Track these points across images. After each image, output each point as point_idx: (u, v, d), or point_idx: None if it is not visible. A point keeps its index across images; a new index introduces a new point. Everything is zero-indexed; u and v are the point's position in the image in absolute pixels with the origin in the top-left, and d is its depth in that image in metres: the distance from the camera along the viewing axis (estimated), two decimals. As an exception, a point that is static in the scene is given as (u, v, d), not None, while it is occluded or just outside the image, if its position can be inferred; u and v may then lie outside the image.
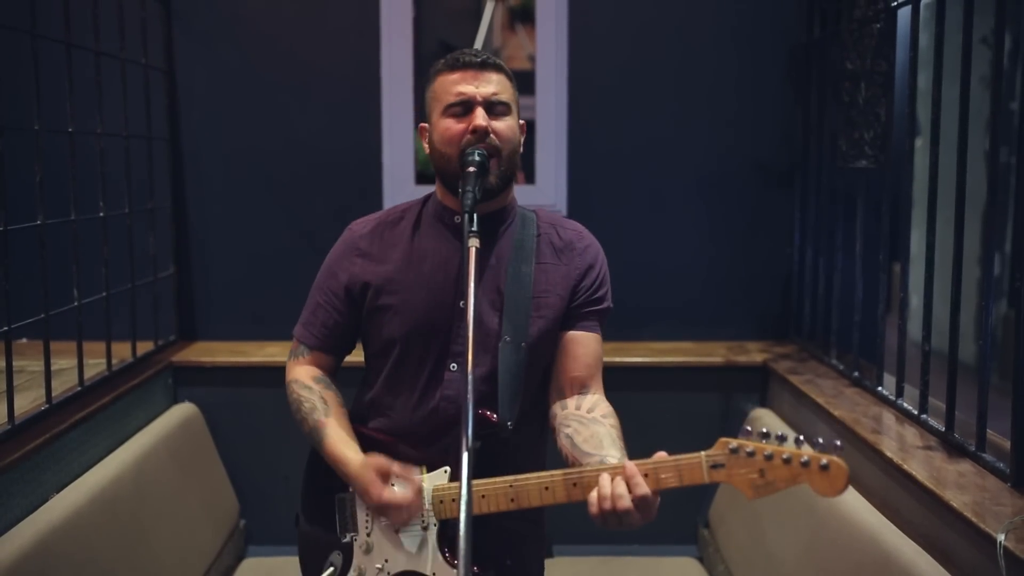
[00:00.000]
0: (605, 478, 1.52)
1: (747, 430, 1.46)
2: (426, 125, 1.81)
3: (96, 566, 2.16)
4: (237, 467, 3.15)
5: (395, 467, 1.67)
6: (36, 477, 2.15)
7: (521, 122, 1.83)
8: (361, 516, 1.77)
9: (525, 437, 1.81)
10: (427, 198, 1.88)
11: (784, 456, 1.42)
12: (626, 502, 1.48)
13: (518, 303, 1.76)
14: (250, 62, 3.28)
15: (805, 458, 1.40)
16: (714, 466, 1.47)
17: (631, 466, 1.51)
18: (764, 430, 1.45)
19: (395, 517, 1.68)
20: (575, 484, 1.55)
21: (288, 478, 3.15)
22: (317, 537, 1.83)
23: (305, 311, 1.90)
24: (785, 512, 2.41)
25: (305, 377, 1.86)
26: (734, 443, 1.45)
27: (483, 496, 1.60)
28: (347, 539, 1.78)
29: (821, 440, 1.40)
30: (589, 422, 1.73)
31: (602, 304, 1.84)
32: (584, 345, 1.81)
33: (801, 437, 1.42)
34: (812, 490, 1.41)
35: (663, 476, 1.49)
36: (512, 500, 1.59)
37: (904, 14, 2.42)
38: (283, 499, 3.14)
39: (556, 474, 1.58)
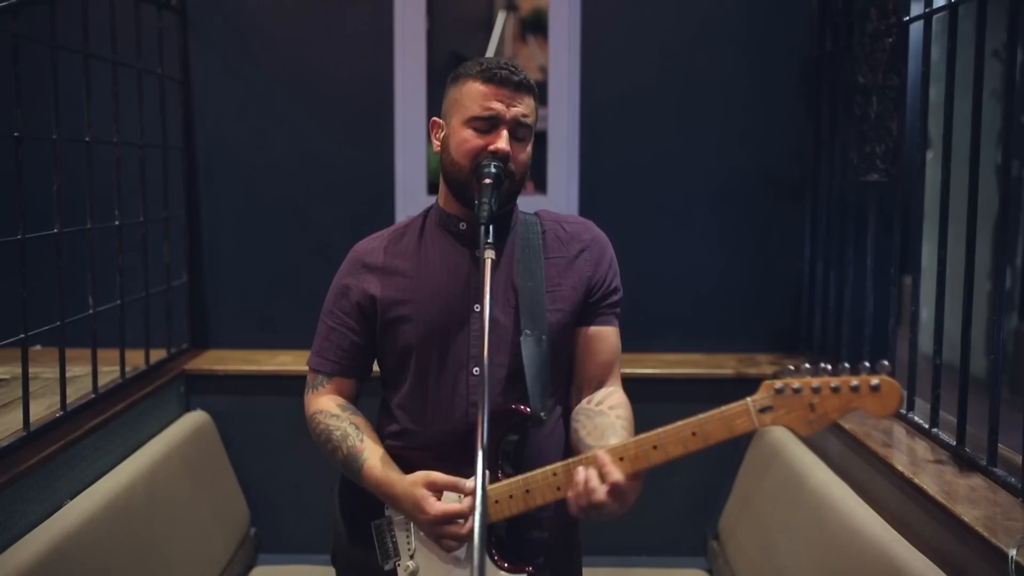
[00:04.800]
0: (580, 472, 1.52)
1: (790, 369, 1.43)
2: (440, 121, 1.77)
3: (109, 573, 2.17)
4: (248, 475, 3.16)
5: (442, 478, 1.64)
6: (51, 484, 2.16)
7: None
8: (402, 539, 1.74)
9: (555, 430, 1.80)
10: (428, 211, 1.86)
11: (832, 385, 1.38)
12: (599, 494, 1.48)
13: (533, 298, 1.75)
14: (264, 72, 3.31)
15: (855, 383, 1.36)
16: (762, 410, 1.43)
17: (601, 454, 1.51)
18: (806, 365, 1.42)
19: (452, 533, 1.62)
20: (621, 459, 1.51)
21: (299, 487, 3.16)
22: (359, 570, 1.80)
23: (317, 340, 1.85)
24: (795, 525, 2.40)
25: (330, 406, 1.80)
26: (779, 383, 1.42)
27: (527, 491, 1.59)
28: (390, 566, 1.74)
29: (867, 363, 1.38)
30: (595, 414, 1.73)
31: (617, 295, 1.84)
32: (604, 341, 1.82)
33: (846, 364, 1.40)
34: (866, 412, 1.36)
35: (710, 430, 1.47)
36: (559, 489, 1.57)
37: (916, 28, 2.43)
38: (293, 508, 3.16)
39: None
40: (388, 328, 1.80)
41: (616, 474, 1.48)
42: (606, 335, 1.83)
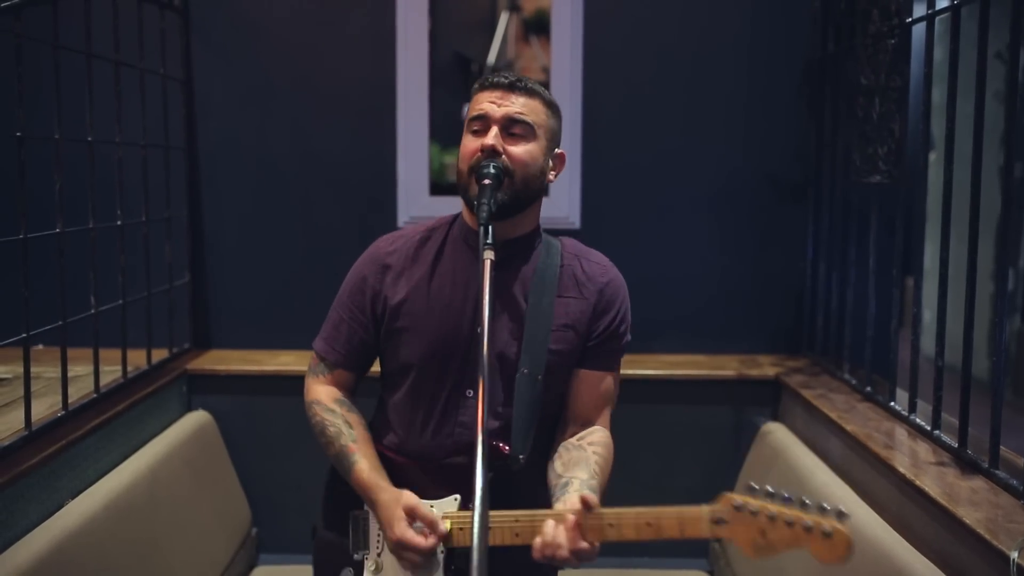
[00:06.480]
0: (550, 525, 1.54)
1: (753, 488, 1.46)
2: None
3: (110, 573, 2.17)
4: (250, 475, 3.16)
5: (423, 510, 1.65)
6: (52, 483, 2.16)
7: (559, 151, 1.81)
8: (374, 535, 1.76)
9: (538, 470, 1.79)
10: (456, 217, 1.87)
11: (787, 519, 1.42)
12: (563, 552, 1.53)
13: (537, 335, 1.74)
14: (267, 73, 3.31)
15: (808, 523, 1.40)
16: (717, 521, 1.47)
17: (571, 520, 1.53)
18: (770, 489, 1.45)
19: (408, 558, 1.66)
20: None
21: (301, 487, 3.15)
22: (332, 551, 1.83)
23: (327, 326, 1.87)
24: (797, 526, 2.40)
25: (327, 399, 1.84)
26: (739, 500, 1.45)
27: (489, 528, 1.60)
28: (359, 556, 1.77)
29: (827, 505, 1.40)
30: (575, 448, 1.75)
31: (621, 342, 1.83)
32: (596, 385, 1.81)
33: (807, 500, 1.42)
34: (811, 554, 1.41)
35: (664, 525, 1.51)
36: (516, 535, 1.58)
37: (919, 30, 2.43)
38: (295, 508, 3.15)
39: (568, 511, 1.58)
40: (391, 336, 1.81)
41: (580, 543, 1.53)
42: (600, 380, 1.82)
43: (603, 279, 1.83)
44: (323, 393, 1.85)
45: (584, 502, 1.54)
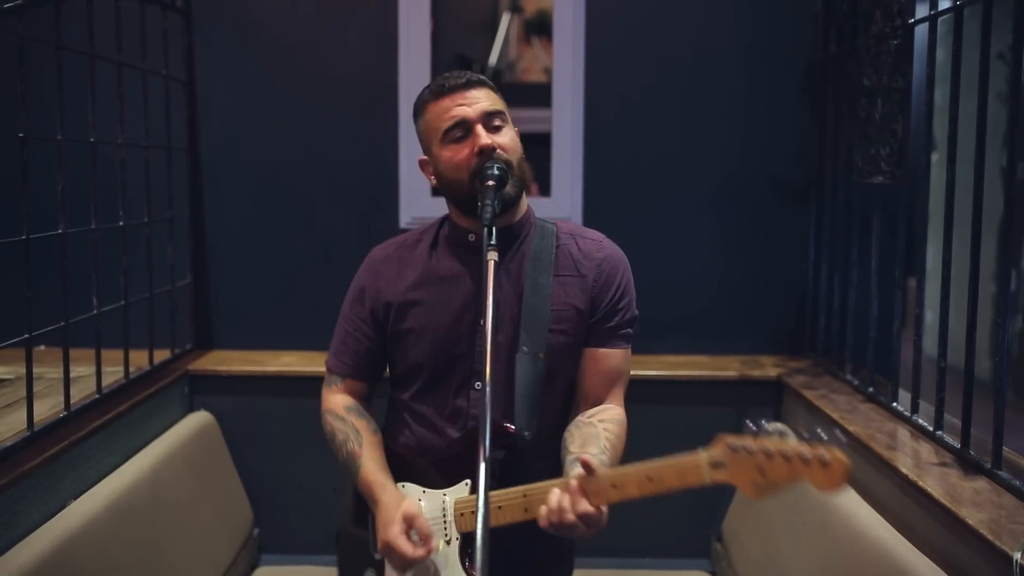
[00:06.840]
0: (555, 493, 1.54)
1: (750, 427, 1.44)
2: (426, 159, 1.81)
3: (112, 573, 2.17)
4: (251, 476, 3.16)
5: (420, 521, 1.67)
6: (54, 484, 2.16)
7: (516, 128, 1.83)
8: None
9: (547, 450, 1.80)
10: (444, 219, 1.89)
11: (785, 453, 1.38)
12: (569, 516, 1.52)
13: (536, 315, 1.75)
14: (269, 74, 3.31)
15: (806, 454, 1.36)
16: (715, 466, 1.44)
17: (574, 484, 1.53)
18: (767, 426, 1.43)
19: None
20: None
21: (302, 487, 3.16)
22: (356, 555, 1.84)
23: (334, 341, 1.91)
24: (799, 527, 2.40)
25: (338, 407, 1.87)
26: (734, 441, 1.43)
27: (499, 507, 1.60)
28: (380, 556, 1.78)
29: (824, 435, 1.37)
30: (586, 426, 1.75)
31: (626, 316, 1.82)
32: (605, 363, 1.81)
33: (802, 432, 1.39)
34: (812, 486, 1.37)
35: (665, 477, 1.49)
36: (526, 510, 1.59)
37: (921, 30, 2.43)
38: (297, 508, 3.16)
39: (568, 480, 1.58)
40: (396, 339, 1.84)
41: (584, 505, 1.52)
42: (608, 357, 1.81)
43: (599, 255, 1.83)
44: (335, 402, 1.89)
45: (584, 464, 1.53)
